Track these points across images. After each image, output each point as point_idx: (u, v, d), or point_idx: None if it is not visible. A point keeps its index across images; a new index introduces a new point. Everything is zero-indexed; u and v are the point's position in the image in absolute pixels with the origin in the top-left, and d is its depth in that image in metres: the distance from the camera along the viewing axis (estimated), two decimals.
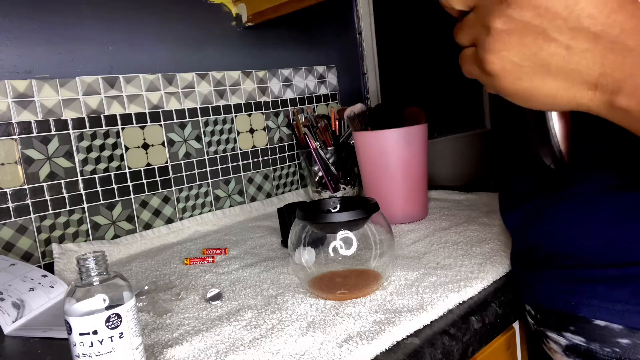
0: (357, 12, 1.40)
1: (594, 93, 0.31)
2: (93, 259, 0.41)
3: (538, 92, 0.32)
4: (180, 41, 1.03)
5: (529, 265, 0.53)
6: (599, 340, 0.45)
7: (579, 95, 0.31)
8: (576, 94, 0.32)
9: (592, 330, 0.46)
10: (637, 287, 0.43)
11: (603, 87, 0.30)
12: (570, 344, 0.48)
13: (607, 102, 0.31)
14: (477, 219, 0.85)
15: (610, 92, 0.30)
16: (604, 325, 0.45)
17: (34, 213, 0.84)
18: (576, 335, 0.47)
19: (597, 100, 0.31)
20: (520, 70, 0.32)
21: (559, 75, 0.31)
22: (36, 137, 0.84)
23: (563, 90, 0.32)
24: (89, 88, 0.90)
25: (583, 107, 0.32)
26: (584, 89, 0.31)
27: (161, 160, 1.00)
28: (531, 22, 0.31)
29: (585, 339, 0.46)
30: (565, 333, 0.48)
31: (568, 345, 0.48)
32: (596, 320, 0.45)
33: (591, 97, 0.31)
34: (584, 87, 0.31)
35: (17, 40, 0.83)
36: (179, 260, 0.82)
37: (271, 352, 0.47)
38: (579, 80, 0.31)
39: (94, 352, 0.40)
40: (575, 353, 0.48)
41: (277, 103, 1.20)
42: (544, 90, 0.32)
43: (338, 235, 0.58)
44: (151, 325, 0.57)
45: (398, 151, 0.86)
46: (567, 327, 0.48)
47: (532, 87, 0.32)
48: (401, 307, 0.54)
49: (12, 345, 0.58)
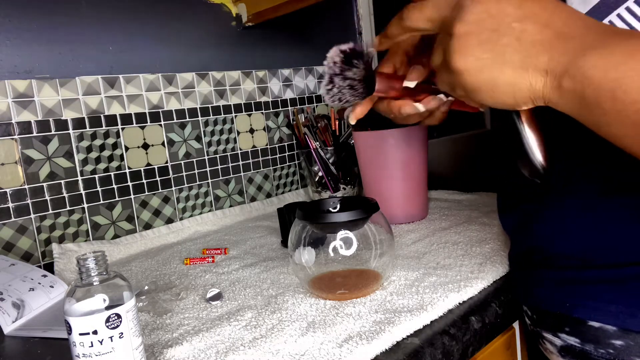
0: (357, 12, 1.40)
1: (546, 79, 0.35)
2: (93, 259, 0.41)
3: (498, 82, 0.36)
4: (180, 41, 1.03)
5: (526, 266, 0.54)
6: (593, 341, 0.46)
7: (534, 81, 0.35)
8: (531, 80, 0.35)
9: (586, 331, 0.46)
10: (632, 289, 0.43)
11: (552, 71, 0.34)
12: (565, 344, 0.48)
13: (556, 86, 0.34)
14: (477, 219, 0.85)
15: (559, 76, 0.34)
16: (598, 327, 0.45)
17: (34, 213, 0.84)
18: (571, 336, 0.47)
19: (549, 86, 0.35)
20: (481, 63, 0.36)
21: (515, 64, 0.35)
22: (36, 137, 0.84)
23: (520, 77, 0.35)
24: (89, 88, 0.90)
25: (539, 94, 0.35)
26: (537, 75, 0.35)
27: (161, 160, 1.00)
28: (486, 22, 0.36)
29: (579, 340, 0.47)
30: (561, 334, 0.48)
31: (563, 346, 0.49)
32: (590, 321, 0.46)
33: (544, 82, 0.35)
34: (537, 74, 0.35)
35: (17, 40, 0.83)
36: (179, 260, 0.82)
37: (271, 352, 0.47)
38: (532, 66, 0.35)
39: (94, 352, 0.40)
40: (570, 354, 0.48)
41: (277, 103, 1.20)
42: (503, 79, 0.36)
43: (338, 235, 0.58)
44: (151, 325, 0.57)
45: (398, 151, 0.86)
46: (562, 327, 0.48)
47: (493, 77, 0.36)
48: (401, 307, 0.54)
49: (12, 345, 0.58)
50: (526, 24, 0.35)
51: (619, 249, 0.44)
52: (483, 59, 0.36)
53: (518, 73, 0.35)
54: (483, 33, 0.36)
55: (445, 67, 0.39)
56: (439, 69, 0.41)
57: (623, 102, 0.31)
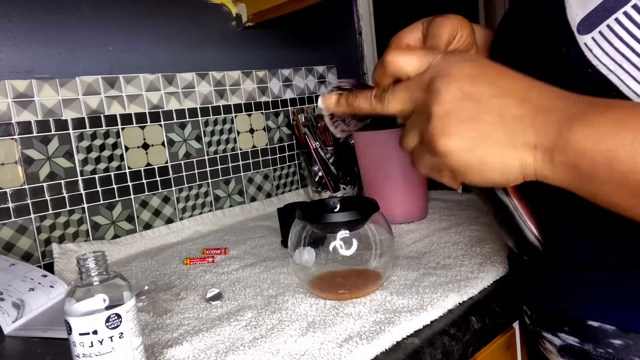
0: (357, 12, 1.40)
1: (535, 153, 0.34)
2: (93, 259, 0.41)
3: (488, 160, 0.35)
4: (180, 41, 1.03)
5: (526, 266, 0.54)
6: (592, 341, 0.46)
7: (524, 157, 0.34)
8: (521, 157, 0.34)
9: (585, 330, 0.46)
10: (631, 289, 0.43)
11: (541, 146, 0.33)
12: (565, 344, 0.48)
13: (548, 160, 0.33)
14: (477, 219, 0.85)
15: (549, 150, 0.33)
16: (597, 326, 0.45)
17: (34, 213, 0.84)
18: (570, 335, 0.47)
19: (539, 161, 0.34)
20: (467, 143, 0.35)
21: (502, 141, 0.34)
22: (36, 137, 0.84)
23: (509, 155, 0.35)
24: (89, 88, 0.90)
25: (530, 170, 0.35)
26: (527, 151, 0.34)
27: (161, 160, 1.00)
28: (464, 100, 0.35)
29: (579, 340, 0.47)
30: (560, 333, 0.48)
31: (562, 346, 0.49)
32: (589, 320, 0.45)
33: (534, 157, 0.34)
34: (526, 149, 0.34)
35: (17, 40, 0.83)
36: (179, 260, 0.82)
37: (271, 352, 0.47)
38: (519, 142, 0.34)
39: (94, 352, 0.40)
40: (570, 353, 0.48)
41: (277, 103, 1.20)
42: (492, 158, 0.35)
43: (338, 235, 0.58)
44: (151, 325, 0.57)
45: (398, 151, 0.86)
46: (561, 327, 0.48)
47: (481, 156, 0.35)
48: (401, 307, 0.54)
49: (12, 345, 0.58)
50: (505, 100, 0.34)
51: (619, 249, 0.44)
52: (469, 138, 0.35)
53: (507, 150, 0.35)
54: (464, 112, 0.35)
55: (426, 150, 0.38)
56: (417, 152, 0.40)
57: (620, 172, 0.31)
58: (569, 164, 0.33)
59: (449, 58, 0.37)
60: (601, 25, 0.39)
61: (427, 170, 0.40)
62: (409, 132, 0.40)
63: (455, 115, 0.35)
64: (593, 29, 0.39)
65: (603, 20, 0.39)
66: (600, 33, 0.39)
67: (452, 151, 0.36)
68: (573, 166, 0.33)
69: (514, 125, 0.34)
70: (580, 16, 0.40)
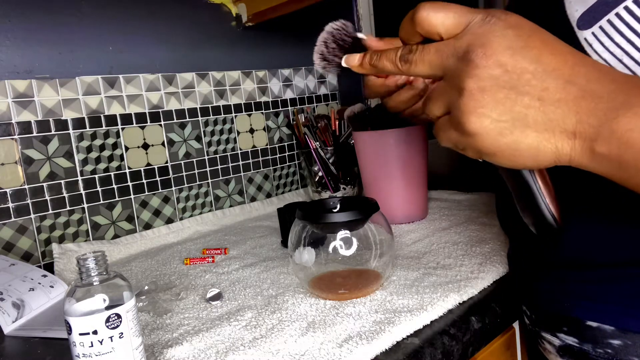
0: (357, 12, 1.40)
1: (574, 142, 0.32)
2: (93, 259, 0.41)
3: (521, 146, 0.33)
4: (180, 41, 1.03)
5: (525, 265, 0.54)
6: (591, 341, 0.45)
7: (560, 145, 0.32)
8: (557, 144, 0.32)
9: (584, 331, 0.46)
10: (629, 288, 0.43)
11: (581, 134, 0.31)
12: (564, 344, 0.48)
13: (588, 149, 0.31)
14: (477, 219, 0.85)
15: (590, 139, 0.31)
16: (596, 326, 0.45)
17: (34, 213, 0.84)
18: (569, 335, 0.47)
19: (578, 149, 0.32)
20: (500, 126, 0.32)
21: (538, 126, 0.32)
22: (36, 137, 0.84)
23: (545, 141, 0.32)
24: (89, 88, 0.90)
25: (565, 157, 0.32)
26: (565, 138, 0.32)
27: (161, 160, 1.00)
28: (501, 79, 0.32)
29: (578, 340, 0.47)
30: (559, 334, 0.48)
31: (561, 346, 0.49)
32: (589, 321, 0.45)
33: (572, 146, 0.32)
34: (564, 137, 0.32)
35: (17, 40, 0.83)
36: (179, 260, 0.82)
37: (271, 352, 0.47)
38: (558, 129, 0.32)
39: (94, 352, 0.40)
40: (569, 354, 0.48)
41: (277, 103, 1.20)
42: (526, 143, 0.33)
43: (338, 235, 0.58)
44: (151, 325, 0.57)
45: (398, 151, 0.86)
46: (560, 327, 0.48)
47: (514, 141, 0.33)
48: (401, 307, 0.54)
49: (12, 345, 0.58)
50: (547, 81, 0.31)
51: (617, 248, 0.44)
52: (502, 122, 0.32)
53: (543, 137, 0.32)
54: (499, 91, 0.32)
55: (452, 125, 0.35)
56: (441, 124, 0.37)
57: None
58: (612, 155, 0.30)
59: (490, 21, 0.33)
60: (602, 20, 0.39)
61: (450, 145, 0.37)
62: (434, 100, 0.36)
63: (490, 93, 0.32)
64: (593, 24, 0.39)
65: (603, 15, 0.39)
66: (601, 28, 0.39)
67: (482, 133, 0.33)
68: (616, 157, 0.30)
69: (555, 110, 0.31)
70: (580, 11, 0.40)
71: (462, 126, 0.34)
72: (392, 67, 0.39)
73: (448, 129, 0.36)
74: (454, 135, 0.35)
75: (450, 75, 0.34)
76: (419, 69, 0.37)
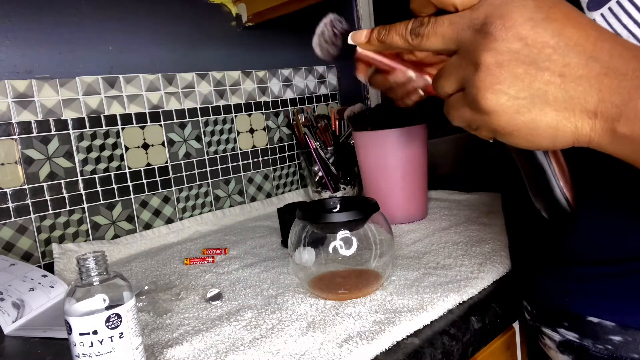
0: (357, 12, 1.40)
1: (595, 121, 0.30)
2: (93, 259, 0.41)
3: (539, 125, 0.31)
4: (180, 41, 1.03)
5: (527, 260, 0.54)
6: (592, 337, 0.45)
7: (580, 124, 0.30)
8: (577, 123, 0.30)
9: (585, 326, 0.46)
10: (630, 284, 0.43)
11: (603, 114, 0.30)
12: (564, 339, 0.48)
13: (609, 130, 0.30)
14: (477, 219, 0.85)
15: (612, 119, 0.29)
16: (597, 322, 0.45)
17: (34, 213, 0.84)
18: (570, 331, 0.47)
19: (598, 129, 0.30)
20: (517, 103, 0.31)
21: (558, 105, 0.30)
22: (36, 137, 0.84)
23: (564, 120, 0.31)
24: (89, 88, 0.90)
25: (584, 138, 0.31)
26: (585, 118, 0.30)
27: (161, 160, 1.00)
28: (520, 53, 0.30)
29: (578, 335, 0.47)
30: (560, 329, 0.48)
31: (562, 341, 0.49)
32: (589, 316, 0.45)
33: (592, 126, 0.30)
34: (584, 116, 0.30)
35: (17, 40, 0.83)
36: (179, 260, 0.82)
37: (271, 352, 0.47)
38: (578, 108, 0.30)
39: (94, 352, 0.40)
40: (569, 349, 0.48)
41: (277, 103, 1.20)
42: (544, 122, 0.31)
43: (338, 235, 0.58)
44: (151, 325, 0.57)
45: (398, 151, 0.86)
46: (561, 322, 0.48)
47: (532, 120, 0.31)
48: (401, 307, 0.54)
49: (12, 345, 0.58)
50: (569, 56, 0.30)
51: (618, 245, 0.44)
52: (520, 99, 0.31)
53: (563, 115, 0.30)
54: (518, 67, 0.30)
55: (466, 102, 0.33)
56: (453, 101, 0.35)
57: None
58: (635, 136, 0.29)
59: None
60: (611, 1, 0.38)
61: (462, 124, 0.35)
62: (447, 76, 0.34)
63: (508, 69, 0.30)
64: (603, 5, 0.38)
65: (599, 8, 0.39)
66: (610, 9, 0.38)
67: (498, 111, 0.31)
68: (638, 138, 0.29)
69: (576, 87, 0.30)
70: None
71: (476, 103, 0.32)
72: (402, 41, 0.36)
73: (461, 107, 0.34)
74: (467, 114, 0.34)
75: (465, 49, 0.33)
76: (431, 42, 0.34)
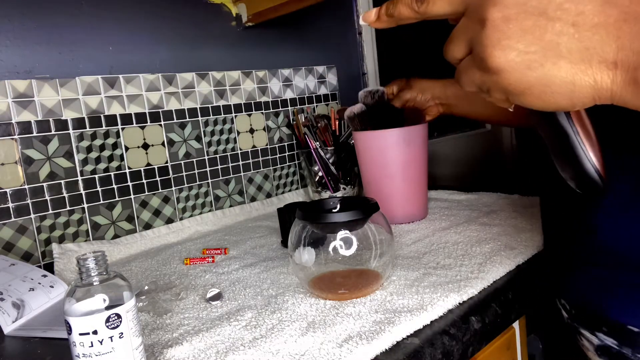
0: (357, 12, 1.40)
1: (615, 72, 0.28)
2: (93, 259, 0.41)
3: (553, 80, 0.29)
4: (180, 41, 1.03)
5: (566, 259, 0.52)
6: (631, 345, 0.44)
7: (599, 77, 0.28)
8: (595, 76, 0.28)
9: (624, 334, 0.44)
10: None
11: (624, 63, 0.28)
12: (603, 344, 0.47)
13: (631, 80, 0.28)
14: (477, 219, 0.85)
15: (634, 68, 0.27)
16: (637, 332, 0.43)
17: (34, 213, 0.84)
18: (608, 336, 0.46)
19: (620, 81, 0.28)
20: (528, 58, 0.29)
21: (573, 56, 0.28)
22: (36, 137, 0.84)
23: (581, 73, 0.28)
24: (89, 88, 0.90)
25: (606, 93, 0.29)
26: (604, 69, 0.28)
27: (161, 160, 1.00)
28: (528, 4, 0.28)
29: (617, 342, 0.45)
30: (598, 333, 0.47)
31: (600, 345, 0.47)
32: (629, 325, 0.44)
33: (612, 77, 0.28)
34: (603, 67, 0.28)
35: (17, 40, 0.83)
36: (179, 260, 0.82)
37: (271, 352, 0.47)
38: (596, 59, 0.28)
39: (94, 352, 0.40)
40: (607, 354, 0.47)
41: (277, 103, 1.20)
42: (559, 77, 0.29)
43: (338, 235, 0.58)
44: (151, 325, 0.57)
45: (398, 151, 0.86)
46: (600, 327, 0.47)
47: (545, 74, 0.29)
48: (401, 307, 0.54)
49: (12, 345, 0.58)
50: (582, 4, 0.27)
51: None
52: (530, 54, 0.29)
53: (579, 68, 0.28)
54: (527, 19, 0.28)
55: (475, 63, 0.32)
56: (463, 65, 0.33)
57: None
58: None
59: None
60: None
61: (474, 88, 0.34)
62: (456, 40, 0.33)
63: (516, 22, 0.29)
64: None
65: None
66: None
67: (507, 69, 0.29)
68: None
69: (592, 36, 0.28)
70: None
71: (485, 62, 0.30)
72: (409, 11, 0.35)
73: (470, 70, 0.32)
74: (477, 76, 0.32)
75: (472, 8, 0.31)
76: (438, 6, 0.33)
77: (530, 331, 0.70)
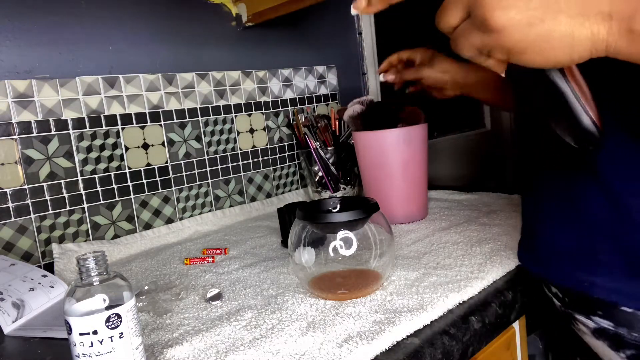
0: None
1: (610, 23, 0.29)
2: (93, 259, 0.41)
3: (553, 35, 0.30)
4: (180, 41, 1.03)
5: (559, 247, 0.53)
6: (627, 325, 0.45)
7: (596, 29, 0.29)
8: (592, 28, 0.30)
9: (619, 315, 0.46)
10: None
11: (618, 13, 0.29)
12: (599, 327, 0.48)
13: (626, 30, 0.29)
14: (477, 219, 0.85)
15: (628, 17, 0.29)
16: (631, 312, 0.45)
17: (34, 213, 0.84)
18: (604, 319, 0.47)
19: (615, 31, 0.29)
20: (529, 15, 0.30)
21: (571, 10, 0.29)
22: (36, 137, 0.84)
23: (579, 25, 0.29)
24: (89, 88, 0.90)
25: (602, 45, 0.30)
26: (600, 21, 0.29)
27: (161, 160, 1.00)
28: None
29: (613, 324, 0.47)
30: (594, 317, 0.48)
31: (597, 328, 0.49)
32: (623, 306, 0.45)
33: (608, 28, 0.29)
34: (599, 19, 0.29)
35: (17, 40, 0.83)
36: (179, 260, 0.82)
37: (271, 352, 0.47)
38: (593, 11, 0.29)
39: (94, 352, 0.40)
40: (604, 336, 0.48)
41: (277, 103, 1.20)
42: (558, 31, 0.30)
43: (338, 235, 0.58)
44: (151, 325, 0.57)
45: (398, 151, 0.86)
46: (595, 311, 0.48)
47: (546, 30, 0.30)
48: (401, 307, 0.54)
49: (12, 345, 0.58)
50: None
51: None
52: (531, 10, 0.30)
53: (577, 21, 0.29)
54: None
55: (475, 26, 0.32)
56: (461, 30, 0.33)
57: None
58: None
59: None
60: None
61: (473, 52, 0.34)
62: (451, 6, 0.33)
63: None
64: None
65: None
66: None
67: (509, 27, 0.30)
68: None
69: None
70: None
71: (486, 23, 0.31)
72: None
73: (469, 33, 0.33)
74: (477, 39, 0.32)
75: None
76: None
77: (530, 331, 0.71)
